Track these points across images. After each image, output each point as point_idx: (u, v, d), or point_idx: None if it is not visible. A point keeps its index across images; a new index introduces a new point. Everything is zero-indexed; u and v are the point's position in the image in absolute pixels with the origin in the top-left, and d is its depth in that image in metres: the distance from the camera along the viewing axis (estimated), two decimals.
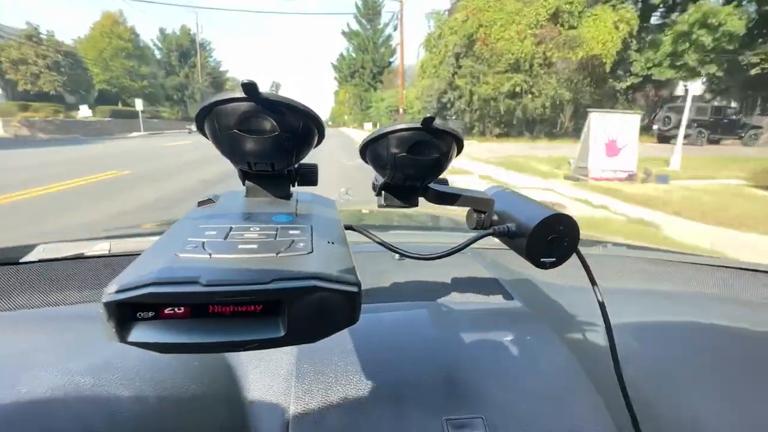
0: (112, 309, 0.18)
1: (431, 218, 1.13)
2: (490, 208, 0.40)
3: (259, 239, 0.23)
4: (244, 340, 0.19)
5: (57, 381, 0.34)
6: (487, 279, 0.62)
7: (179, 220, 0.28)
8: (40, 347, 0.39)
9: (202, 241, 0.22)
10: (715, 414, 0.42)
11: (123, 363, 0.36)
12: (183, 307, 0.18)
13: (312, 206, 0.33)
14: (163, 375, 0.36)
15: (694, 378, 0.46)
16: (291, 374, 0.39)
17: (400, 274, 0.62)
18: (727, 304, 0.64)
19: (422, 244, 0.78)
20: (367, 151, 0.34)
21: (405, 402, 0.37)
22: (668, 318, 0.58)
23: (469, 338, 0.46)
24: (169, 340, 0.18)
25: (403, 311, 0.51)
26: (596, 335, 0.52)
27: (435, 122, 0.31)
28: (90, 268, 0.60)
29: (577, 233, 0.36)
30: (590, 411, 0.38)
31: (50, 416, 0.30)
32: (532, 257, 0.36)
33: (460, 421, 0.36)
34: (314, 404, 0.36)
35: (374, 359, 0.41)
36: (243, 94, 0.25)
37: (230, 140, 0.29)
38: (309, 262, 0.21)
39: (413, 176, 0.35)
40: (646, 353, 0.49)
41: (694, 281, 0.73)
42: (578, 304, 0.57)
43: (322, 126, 0.31)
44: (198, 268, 0.19)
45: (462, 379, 0.40)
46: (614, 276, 0.73)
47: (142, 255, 0.22)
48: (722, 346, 0.52)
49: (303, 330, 0.20)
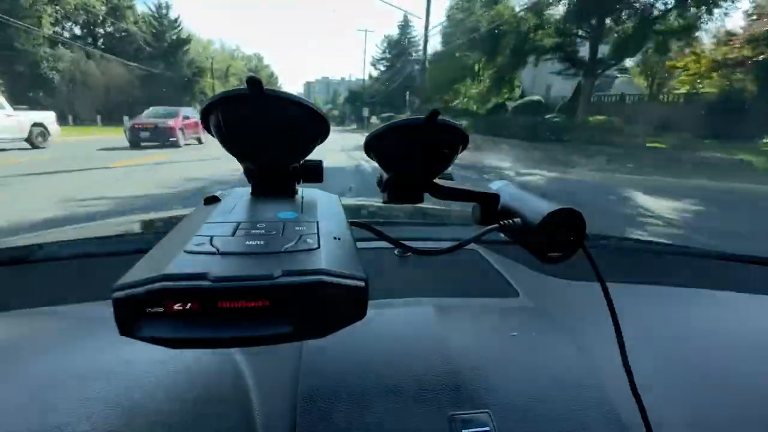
0: (122, 305, 0.18)
1: (436, 213, 1.13)
2: (495, 203, 0.40)
3: (265, 235, 0.24)
4: (252, 336, 0.19)
5: (63, 379, 0.34)
6: (493, 274, 0.62)
7: (186, 218, 0.29)
8: (47, 345, 0.40)
9: (210, 238, 0.23)
10: (726, 410, 0.41)
11: (129, 360, 0.37)
12: (191, 302, 0.18)
13: (317, 202, 0.33)
14: (169, 371, 0.37)
15: (704, 373, 0.46)
16: (297, 370, 0.39)
17: (406, 270, 0.62)
18: (736, 297, 0.64)
19: (427, 240, 0.78)
20: (371, 147, 0.34)
21: (411, 397, 0.37)
22: (676, 312, 0.57)
23: (474, 333, 0.46)
24: (178, 335, 0.18)
25: (408, 307, 0.51)
26: (603, 330, 0.51)
27: (440, 117, 0.30)
28: (97, 267, 0.61)
29: (583, 227, 0.35)
30: (597, 406, 0.38)
31: (55, 414, 0.31)
32: (538, 252, 0.36)
33: (467, 416, 0.36)
34: (320, 400, 0.36)
35: (380, 355, 0.41)
36: (247, 90, 0.25)
37: (235, 137, 0.29)
38: (316, 258, 0.21)
39: (418, 171, 0.35)
40: (654, 348, 0.49)
41: (702, 275, 0.73)
42: (585, 299, 0.57)
43: (327, 122, 0.31)
44: (206, 263, 0.20)
45: (468, 374, 0.40)
46: (621, 270, 0.72)
47: (150, 252, 0.23)
48: (732, 340, 0.52)
49: (311, 325, 0.20)
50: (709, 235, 3.75)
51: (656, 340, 0.51)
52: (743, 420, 0.41)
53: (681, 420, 0.40)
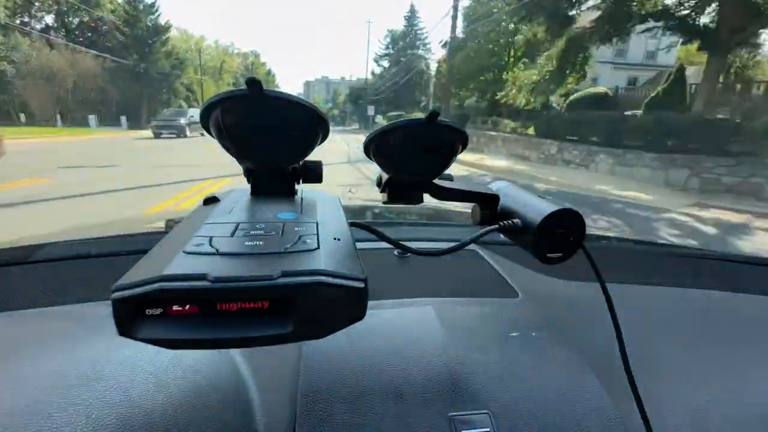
0: (122, 305, 0.18)
1: (436, 214, 1.13)
2: (495, 204, 0.40)
3: (265, 236, 0.23)
4: (252, 336, 0.19)
5: (64, 379, 0.34)
6: (492, 274, 0.62)
7: (186, 218, 0.29)
8: (47, 346, 0.40)
9: (209, 238, 0.23)
10: (723, 407, 0.41)
11: (129, 361, 0.37)
12: (190, 303, 0.18)
13: (317, 203, 0.33)
14: (169, 372, 0.37)
15: (704, 374, 0.46)
16: (297, 370, 0.39)
17: (405, 270, 0.62)
18: (733, 297, 0.64)
19: (427, 240, 0.78)
20: (371, 147, 0.34)
21: (410, 398, 0.37)
22: (675, 312, 0.57)
23: (473, 334, 0.46)
24: (177, 336, 0.18)
25: (408, 307, 0.51)
26: (603, 330, 0.51)
27: (439, 117, 0.30)
28: (97, 267, 0.61)
29: (583, 228, 0.36)
30: (596, 406, 0.38)
31: (54, 415, 0.31)
32: (538, 252, 0.36)
33: (466, 417, 0.36)
34: (320, 401, 0.36)
35: (379, 356, 0.41)
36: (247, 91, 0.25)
37: (234, 138, 0.29)
38: (315, 259, 0.21)
39: (417, 172, 0.35)
40: (653, 348, 0.49)
41: (701, 275, 0.73)
42: (584, 300, 0.57)
43: (326, 123, 0.31)
44: (206, 264, 0.19)
45: (467, 375, 0.40)
46: (621, 271, 0.72)
47: (149, 252, 0.22)
48: (730, 340, 0.52)
49: (310, 326, 0.20)
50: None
51: (656, 340, 0.51)
52: (742, 420, 0.41)
53: (681, 420, 0.40)
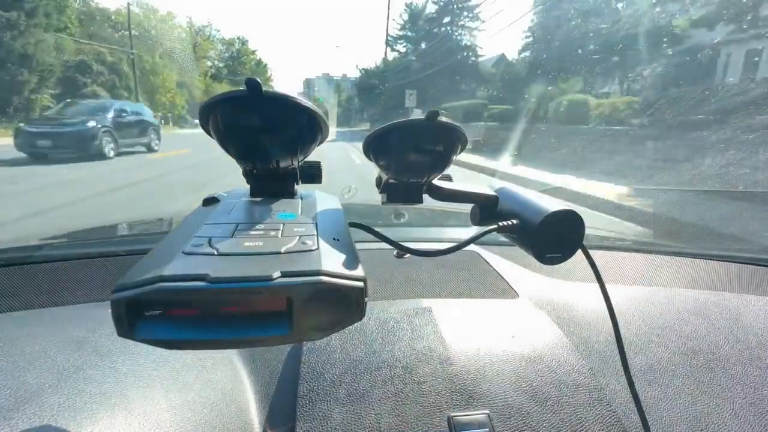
0: (121, 306, 0.18)
1: (435, 214, 1.13)
2: (494, 204, 0.40)
3: (264, 236, 0.24)
4: (251, 337, 0.19)
5: (64, 379, 0.34)
6: (492, 275, 0.62)
7: (185, 219, 0.29)
8: (47, 346, 0.40)
9: (209, 239, 0.23)
10: (720, 410, 0.42)
11: (128, 361, 0.37)
12: (190, 303, 0.18)
13: (316, 203, 0.33)
14: (169, 373, 0.37)
15: (703, 373, 0.46)
16: (296, 371, 0.39)
17: (405, 271, 0.62)
18: (735, 299, 0.64)
19: (426, 241, 0.78)
20: (370, 148, 0.34)
21: (410, 398, 0.37)
22: (674, 314, 0.57)
23: (473, 335, 0.46)
24: (177, 336, 0.18)
25: (407, 308, 0.51)
26: (601, 331, 0.51)
27: (439, 117, 0.30)
28: (97, 268, 0.61)
29: (582, 229, 0.35)
30: (596, 406, 0.38)
31: (54, 415, 0.31)
32: (537, 253, 0.36)
33: (466, 418, 0.36)
34: (320, 400, 0.36)
35: (378, 356, 0.42)
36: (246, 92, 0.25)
37: (234, 138, 0.29)
38: (315, 259, 0.21)
39: (417, 172, 0.35)
40: (652, 349, 0.49)
41: (700, 277, 0.73)
42: (583, 300, 0.57)
43: (325, 123, 0.30)
44: (205, 264, 0.19)
45: (467, 375, 0.40)
46: (620, 272, 0.72)
47: (149, 253, 0.22)
48: (730, 341, 0.52)
49: (310, 326, 0.20)
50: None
51: (654, 340, 0.51)
52: (741, 419, 0.41)
53: (679, 420, 0.40)
